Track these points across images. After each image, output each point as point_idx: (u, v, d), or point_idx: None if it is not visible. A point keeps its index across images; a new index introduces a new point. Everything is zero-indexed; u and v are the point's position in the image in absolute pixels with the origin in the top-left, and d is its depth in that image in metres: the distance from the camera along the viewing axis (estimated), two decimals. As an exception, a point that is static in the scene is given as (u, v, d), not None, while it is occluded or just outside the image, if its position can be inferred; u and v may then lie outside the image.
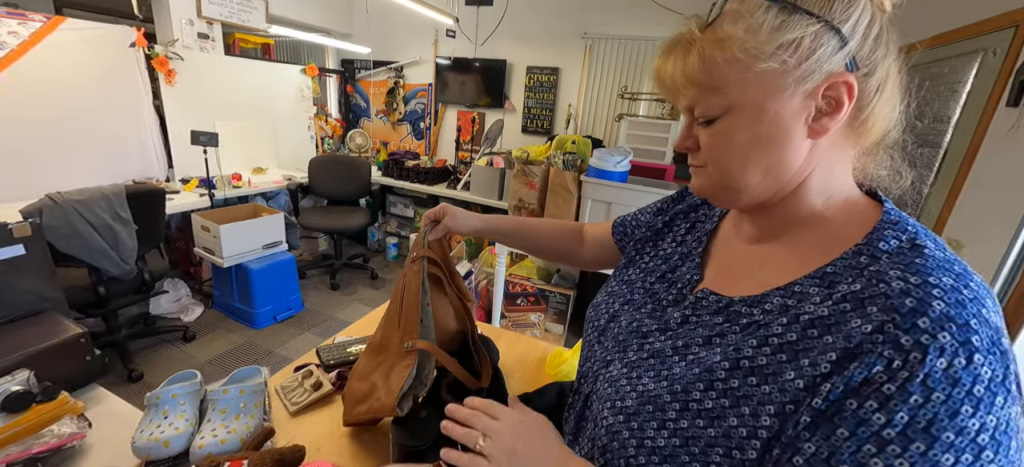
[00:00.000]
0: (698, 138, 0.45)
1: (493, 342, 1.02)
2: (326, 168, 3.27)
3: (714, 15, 0.41)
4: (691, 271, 0.54)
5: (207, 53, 2.92)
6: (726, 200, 0.47)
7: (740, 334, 0.42)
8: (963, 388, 0.29)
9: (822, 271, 0.40)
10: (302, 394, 0.97)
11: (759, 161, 0.41)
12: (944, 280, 0.33)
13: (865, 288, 0.35)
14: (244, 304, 2.58)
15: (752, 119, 0.40)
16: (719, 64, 0.39)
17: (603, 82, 3.24)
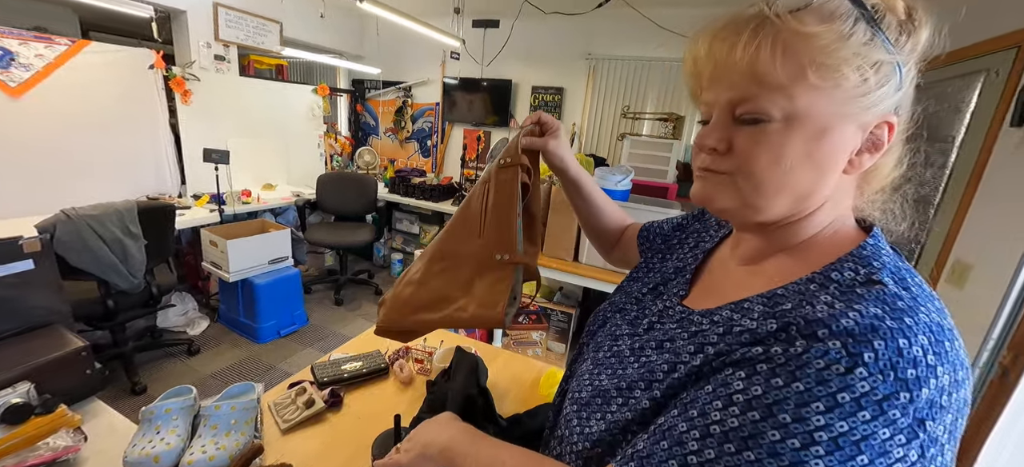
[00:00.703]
0: (731, 140, 0.39)
1: (483, 362, 1.02)
2: (334, 185, 3.33)
3: (799, 4, 0.36)
4: (679, 286, 0.53)
5: (223, 74, 3.03)
6: (742, 217, 0.42)
7: (685, 342, 0.43)
8: (827, 389, 0.30)
9: (773, 292, 0.40)
10: (294, 412, 0.98)
11: (799, 183, 0.38)
12: (869, 308, 0.32)
13: (793, 309, 0.36)
14: (248, 318, 2.61)
15: (811, 135, 0.36)
16: (800, 61, 0.34)
17: (606, 102, 3.27)
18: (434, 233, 3.69)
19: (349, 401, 1.05)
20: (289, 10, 3.30)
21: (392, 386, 1.12)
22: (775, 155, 0.37)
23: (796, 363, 0.31)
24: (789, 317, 0.35)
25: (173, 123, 2.86)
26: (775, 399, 0.31)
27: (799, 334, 0.33)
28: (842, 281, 0.37)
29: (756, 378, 0.33)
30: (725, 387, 0.34)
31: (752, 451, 0.31)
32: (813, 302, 0.35)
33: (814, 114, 0.36)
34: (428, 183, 3.58)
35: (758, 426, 0.31)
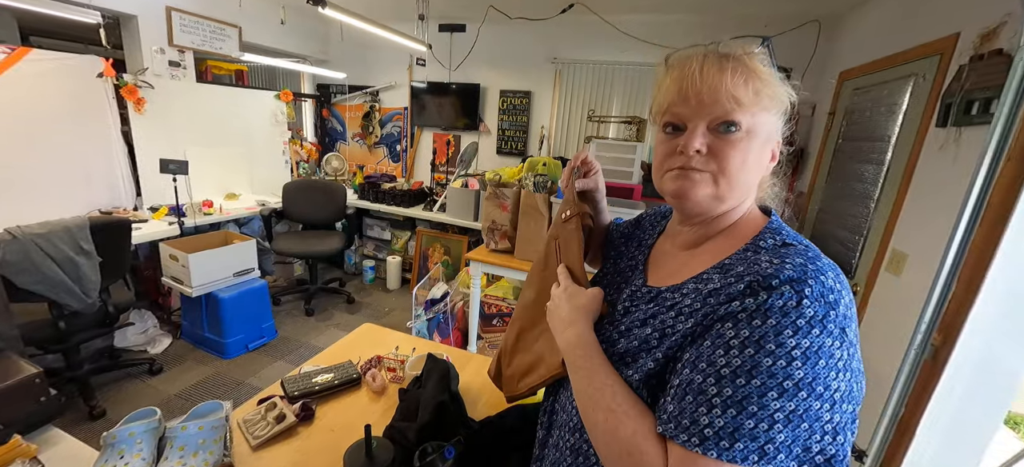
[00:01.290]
0: (712, 147, 0.52)
1: (454, 367, 1.04)
2: (300, 193, 3.26)
3: (749, 50, 0.53)
4: (637, 276, 0.65)
5: (178, 80, 2.92)
6: (709, 207, 0.55)
7: (666, 313, 0.53)
8: (789, 319, 0.42)
9: (722, 263, 0.52)
10: (265, 427, 0.97)
11: (749, 179, 0.54)
12: (796, 260, 0.45)
13: (746, 269, 0.48)
14: (214, 333, 2.53)
15: (759, 144, 0.52)
16: (758, 90, 0.51)
17: (574, 105, 3.35)
18: (407, 239, 3.67)
19: (321, 413, 1.05)
20: (248, 14, 3.22)
21: (365, 396, 1.12)
22: (742, 156, 0.52)
23: (765, 307, 0.43)
24: (748, 277, 0.46)
25: (126, 132, 2.74)
26: (759, 336, 0.42)
27: (760, 287, 0.44)
28: (768, 247, 0.51)
29: (741, 325, 0.44)
30: (720, 338, 0.44)
31: (756, 377, 0.41)
32: (757, 264, 0.47)
33: (761, 129, 0.52)
34: (398, 188, 3.56)
35: (754, 358, 0.42)
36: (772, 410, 0.40)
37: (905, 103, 1.98)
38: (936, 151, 1.73)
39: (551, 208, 2.20)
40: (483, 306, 2.56)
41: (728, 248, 0.54)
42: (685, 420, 0.44)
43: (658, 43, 3.05)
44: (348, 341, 1.41)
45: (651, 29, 3.05)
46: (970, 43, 1.65)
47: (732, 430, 0.41)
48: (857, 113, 2.41)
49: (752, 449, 0.40)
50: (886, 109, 2.12)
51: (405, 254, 3.68)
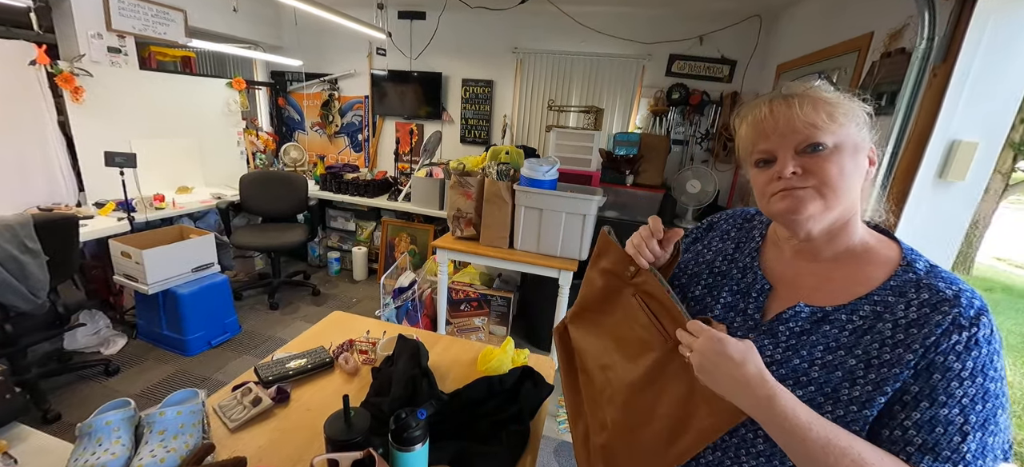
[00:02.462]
0: (802, 166, 0.56)
1: (424, 346, 1.12)
2: (259, 185, 3.18)
3: (808, 86, 0.58)
4: (760, 281, 0.65)
5: (119, 68, 2.76)
6: (820, 218, 0.57)
7: (857, 336, 0.55)
8: (993, 346, 0.51)
9: (888, 285, 0.56)
10: (242, 411, 1.02)
11: (851, 187, 0.56)
12: (962, 285, 0.53)
13: (931, 296, 0.53)
14: (174, 331, 2.47)
15: (850, 152, 0.55)
16: (831, 113, 0.55)
17: (535, 94, 3.43)
18: (372, 229, 3.66)
19: (296, 396, 1.10)
20: (195, -1, 3.07)
21: (338, 378, 1.18)
22: (837, 166, 0.55)
23: (977, 337, 0.50)
24: (945, 308, 0.51)
25: (63, 123, 2.58)
26: (982, 364, 0.50)
27: (962, 317, 0.50)
28: (924, 269, 0.56)
29: (964, 357, 0.50)
30: (951, 371, 0.50)
31: (989, 401, 0.49)
32: (937, 289, 0.53)
33: (847, 140, 0.55)
34: (362, 179, 3.54)
35: (983, 386, 0.49)
36: (1002, 425, 0.50)
37: (830, 94, 2.19)
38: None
39: (514, 195, 2.29)
40: (451, 292, 2.63)
41: (873, 267, 0.58)
42: (946, 451, 0.49)
43: (613, 35, 3.18)
44: (318, 329, 1.45)
45: (606, 21, 3.16)
46: (881, 41, 1.85)
47: (982, 449, 0.49)
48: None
49: (997, 458, 0.50)
50: (815, 99, 2.33)
51: (371, 245, 3.67)
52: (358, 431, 0.74)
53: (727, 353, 0.53)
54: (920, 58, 1.48)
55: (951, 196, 1.55)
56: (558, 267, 2.23)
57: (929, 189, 1.55)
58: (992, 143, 1.48)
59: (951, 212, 1.57)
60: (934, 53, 1.47)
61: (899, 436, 0.50)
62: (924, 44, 1.47)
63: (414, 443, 0.72)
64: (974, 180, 1.52)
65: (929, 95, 1.49)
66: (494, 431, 0.95)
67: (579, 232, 2.23)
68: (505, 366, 1.17)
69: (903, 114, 1.56)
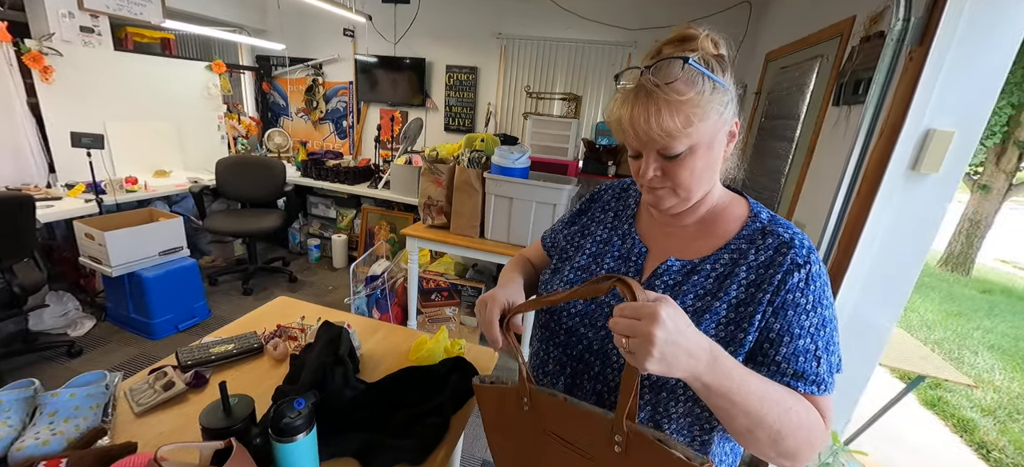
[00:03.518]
0: (663, 169, 0.59)
1: (349, 333, 1.07)
2: (235, 169, 3.14)
3: (669, 80, 0.55)
4: (638, 245, 0.71)
5: (93, 48, 2.72)
6: (680, 208, 0.64)
7: (719, 282, 0.61)
8: (822, 278, 0.59)
9: (741, 235, 0.64)
10: (151, 395, 0.98)
11: (706, 179, 0.61)
12: (796, 231, 0.61)
13: (774, 241, 0.61)
14: (140, 314, 2.44)
15: (705, 149, 0.58)
16: (688, 115, 0.55)
17: (519, 81, 3.36)
18: (353, 216, 3.62)
19: (218, 381, 1.06)
20: (173, -22, 3.02)
21: (266, 364, 1.14)
22: (689, 171, 0.59)
23: (811, 275, 0.57)
24: (785, 251, 0.59)
25: (34, 104, 2.55)
26: (817, 297, 0.57)
27: (803, 260, 0.58)
28: (766, 219, 0.64)
29: (805, 292, 0.57)
30: (798, 306, 0.57)
31: (826, 326, 0.58)
32: (778, 235, 0.61)
33: (704, 136, 0.57)
34: (344, 166, 3.49)
35: (821, 314, 0.57)
36: (836, 344, 0.59)
37: (812, 83, 2.11)
38: (831, 128, 1.86)
39: (484, 183, 2.23)
40: (422, 282, 2.59)
41: (728, 222, 0.66)
42: (810, 375, 0.57)
43: (599, 21, 3.09)
44: (260, 313, 1.41)
45: (591, 6, 3.08)
46: (862, 25, 1.77)
47: (829, 368, 0.58)
48: (776, 92, 2.55)
49: (835, 371, 0.59)
50: (797, 89, 2.25)
51: (351, 232, 3.63)
52: (237, 420, 0.69)
53: (683, 318, 0.48)
54: (895, 40, 1.40)
55: (925, 190, 1.47)
56: (528, 257, 2.17)
57: (901, 182, 1.47)
58: (969, 133, 1.41)
59: (924, 207, 1.49)
60: (909, 35, 1.39)
61: (775, 369, 0.57)
62: (899, 25, 1.39)
63: (294, 434, 0.67)
64: (949, 172, 1.44)
65: (904, 80, 1.41)
66: (410, 424, 0.91)
67: (550, 222, 2.17)
68: (437, 356, 1.12)
69: (876, 100, 1.49)
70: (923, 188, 1.47)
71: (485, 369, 1.13)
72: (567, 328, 0.69)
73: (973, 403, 2.80)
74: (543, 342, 0.76)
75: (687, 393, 0.60)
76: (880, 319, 1.64)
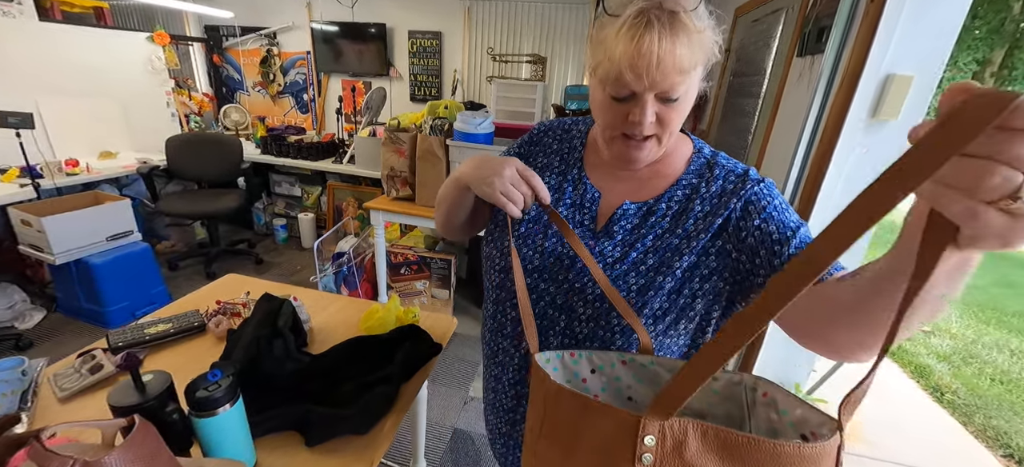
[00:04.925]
0: (660, 115, 0.54)
1: (292, 305, 1.01)
2: (187, 148, 2.97)
3: (692, 4, 0.49)
4: (590, 190, 0.67)
5: (12, 18, 2.49)
6: (648, 159, 0.60)
7: (675, 219, 0.61)
8: (774, 187, 0.60)
9: (690, 170, 0.63)
10: (77, 380, 0.91)
11: (681, 123, 0.58)
12: (742, 164, 0.62)
13: (721, 172, 0.61)
14: (92, 303, 2.32)
15: (692, 94, 0.55)
16: (701, 54, 0.50)
17: (484, 46, 3.24)
18: (318, 194, 3.50)
19: (156, 361, 1.00)
20: (101, -61, 2.76)
21: (209, 341, 1.08)
22: (681, 116, 0.56)
23: (768, 184, 0.59)
24: (733, 176, 0.60)
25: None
26: (778, 200, 0.58)
27: (758, 179, 0.59)
28: (709, 154, 0.64)
29: (767, 195, 0.57)
30: (768, 205, 0.57)
31: (789, 225, 0.55)
32: (724, 166, 0.62)
33: (694, 82, 0.54)
34: (306, 141, 3.34)
35: (786, 208, 0.57)
36: None
37: (778, 35, 2.07)
38: (796, 80, 1.84)
39: (448, 152, 2.15)
40: (390, 256, 2.52)
41: (676, 161, 0.64)
42: None
43: None
44: (205, 291, 1.34)
45: (558, -36, 2.96)
46: (825, -27, 1.73)
47: None
48: (743, 49, 2.52)
49: None
50: (764, 43, 2.21)
51: (318, 210, 3.51)
52: (150, 396, 0.64)
53: None
54: (855, -17, 1.37)
55: (884, 137, 1.48)
56: (496, 225, 2.13)
57: (861, 129, 1.47)
58: (927, 78, 1.40)
59: (884, 154, 1.50)
60: (869, -21, 1.35)
61: (777, 265, 0.54)
62: (859, -32, 1.35)
63: (214, 407, 0.63)
64: (907, 119, 1.44)
65: (864, 26, 1.39)
66: (358, 394, 0.86)
67: (517, 188, 2.12)
68: (388, 325, 1.08)
69: (837, 47, 1.46)
70: (882, 136, 1.47)
71: (441, 337, 1.09)
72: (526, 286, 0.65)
73: (930, 350, 2.93)
74: (499, 304, 0.71)
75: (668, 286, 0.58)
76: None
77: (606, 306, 0.60)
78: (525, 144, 0.77)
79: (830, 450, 0.35)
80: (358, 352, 0.98)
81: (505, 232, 0.69)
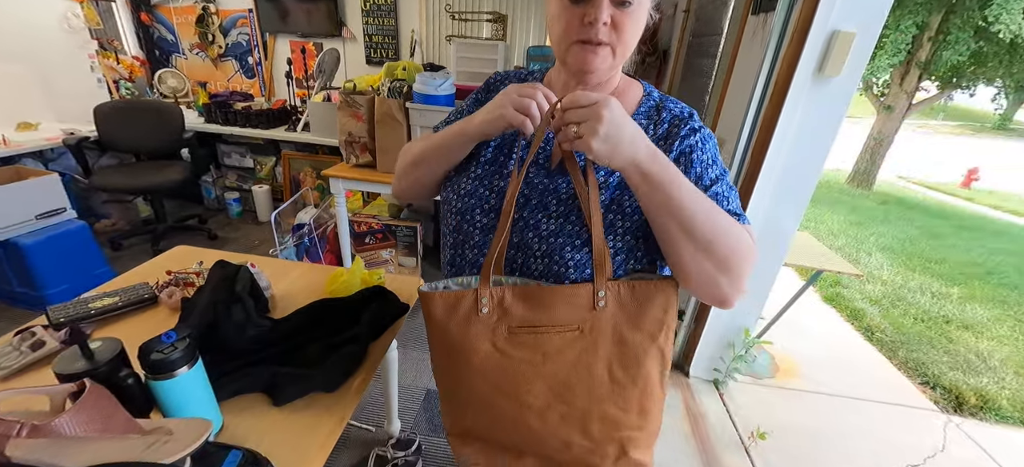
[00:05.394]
0: (613, 19, 0.58)
1: (249, 271, 0.98)
2: (121, 117, 2.73)
3: None
4: (547, 132, 0.66)
5: None
6: (606, 74, 0.64)
7: None
8: (712, 139, 0.65)
9: (640, 112, 0.68)
10: (16, 358, 0.86)
11: (633, 45, 0.62)
12: (685, 106, 0.67)
13: (669, 114, 0.67)
14: (27, 287, 2.15)
15: (642, 14, 0.60)
16: None
17: (442, 4, 3.11)
18: (273, 164, 3.33)
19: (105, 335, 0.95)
20: None
21: (162, 314, 1.03)
22: (635, 26, 0.60)
23: (705, 134, 0.65)
24: (679, 121, 0.65)
25: None
26: (712, 153, 0.64)
27: (699, 126, 0.65)
28: (658, 98, 0.69)
29: (702, 151, 0.63)
30: (700, 162, 0.62)
31: (725, 176, 0.64)
32: (671, 109, 0.67)
33: (646, 2, 0.60)
34: (255, 108, 3.14)
35: (719, 164, 0.64)
36: (737, 195, 0.64)
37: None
38: (751, 38, 1.89)
39: (408, 115, 2.09)
40: (354, 225, 2.46)
41: (630, 101, 0.68)
42: (725, 204, 0.61)
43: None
44: (153, 263, 1.28)
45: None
46: (777, -70, 1.76)
47: (738, 207, 0.63)
48: (702, 8, 2.55)
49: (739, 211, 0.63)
50: (722, 2, 2.25)
51: (274, 182, 3.35)
52: (99, 364, 0.61)
53: (623, 112, 0.53)
54: (804, -59, 1.41)
55: (829, 92, 1.55)
56: (461, 190, 2.11)
57: (808, 85, 1.54)
58: (868, 34, 1.47)
59: (829, 109, 1.58)
60: (817, -64, 1.39)
61: None
62: (808, -75, 1.38)
63: (170, 369, 0.61)
64: (849, 75, 1.52)
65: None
66: (325, 354, 0.86)
67: (481, 151, 2.10)
68: (354, 287, 1.07)
69: (788, 2, 1.51)
70: (827, 91, 1.55)
71: (408, 299, 1.09)
72: (482, 226, 0.67)
73: (864, 296, 3.20)
74: (457, 247, 0.72)
75: (632, 204, 0.61)
76: (786, 220, 1.77)
77: (559, 242, 0.62)
78: (482, 92, 0.78)
79: (587, 288, 0.59)
80: (323, 315, 0.96)
81: (462, 176, 0.70)
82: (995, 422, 2.08)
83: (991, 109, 8.27)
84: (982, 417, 2.10)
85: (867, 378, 2.29)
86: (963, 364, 2.48)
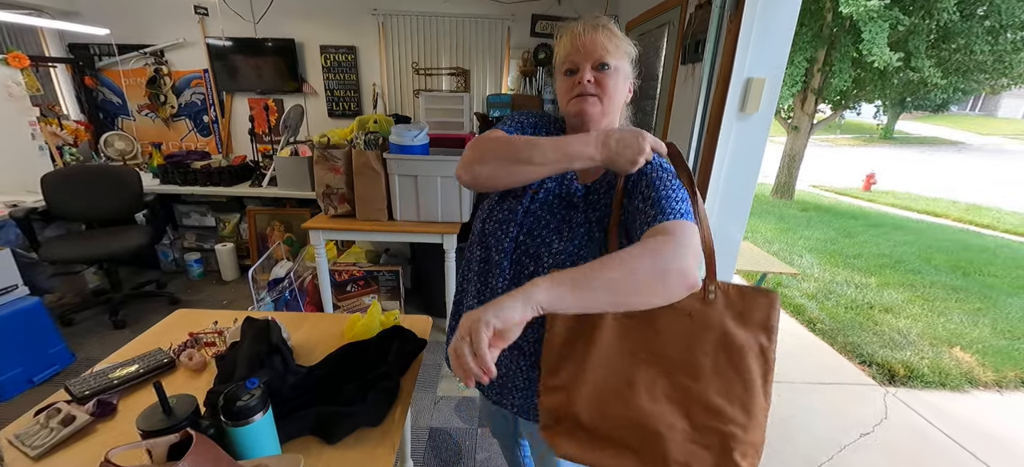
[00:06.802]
0: (596, 78, 0.77)
1: (278, 325, 1.05)
2: (72, 184, 2.62)
3: (608, 23, 0.80)
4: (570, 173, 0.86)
5: None
6: (598, 119, 0.80)
7: (605, 193, 0.81)
8: (670, 172, 0.74)
9: None
10: (48, 435, 0.87)
11: (618, 103, 0.81)
12: None
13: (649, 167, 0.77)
14: (-30, 376, 1.98)
15: (622, 79, 0.80)
16: (617, 45, 0.78)
17: (404, 60, 3.29)
18: (237, 221, 3.27)
19: (128, 406, 0.97)
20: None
21: (183, 377, 1.06)
22: (614, 83, 0.79)
23: (662, 164, 0.75)
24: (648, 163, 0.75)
25: None
26: (670, 178, 0.73)
27: (658, 163, 0.75)
28: None
29: (656, 181, 0.72)
30: (659, 181, 0.72)
31: (677, 190, 0.71)
32: (652, 163, 0.77)
33: (622, 68, 0.80)
34: (214, 165, 3.10)
35: (674, 184, 0.72)
36: (686, 198, 0.70)
37: (665, 46, 2.45)
38: (683, 84, 2.21)
39: (385, 164, 2.21)
40: (334, 274, 2.49)
41: None
42: (669, 210, 0.68)
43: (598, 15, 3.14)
44: (156, 331, 1.29)
45: (468, -20, 3.11)
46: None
47: (680, 204, 0.69)
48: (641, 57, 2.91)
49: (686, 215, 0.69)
50: (655, 52, 2.60)
51: (238, 239, 3.28)
52: (180, 418, 0.68)
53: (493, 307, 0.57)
54: (718, 8, 1.73)
55: (750, 126, 1.86)
56: (441, 232, 2.24)
57: (735, 122, 1.84)
58: (775, 78, 1.80)
59: (754, 138, 1.89)
60: (729, 3, 1.72)
61: (643, 224, 0.70)
62: (721, -4, 1.71)
63: (249, 415, 0.69)
64: (764, 111, 1.84)
65: (728, 40, 1.75)
66: (362, 393, 0.95)
67: (457, 194, 2.25)
68: (373, 330, 1.16)
69: (711, 57, 1.82)
70: (749, 125, 1.86)
71: (422, 334, 1.20)
72: (482, 249, 0.87)
73: (802, 292, 3.62)
74: (483, 277, 0.88)
75: None
76: (732, 232, 2.05)
77: None
78: (535, 119, 0.92)
79: None
80: (352, 357, 1.05)
81: (509, 200, 0.87)
82: (922, 388, 2.44)
83: (875, 122, 9.57)
84: (911, 385, 2.45)
85: (817, 364, 2.61)
86: (889, 342, 2.87)
